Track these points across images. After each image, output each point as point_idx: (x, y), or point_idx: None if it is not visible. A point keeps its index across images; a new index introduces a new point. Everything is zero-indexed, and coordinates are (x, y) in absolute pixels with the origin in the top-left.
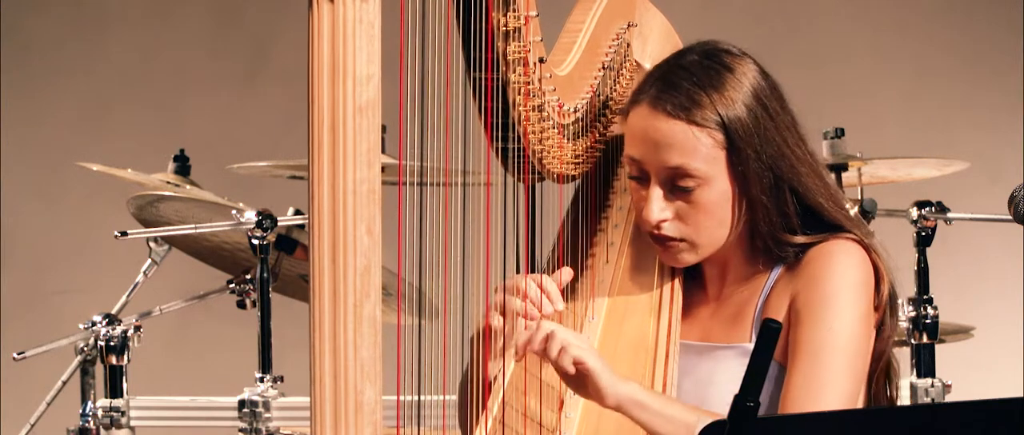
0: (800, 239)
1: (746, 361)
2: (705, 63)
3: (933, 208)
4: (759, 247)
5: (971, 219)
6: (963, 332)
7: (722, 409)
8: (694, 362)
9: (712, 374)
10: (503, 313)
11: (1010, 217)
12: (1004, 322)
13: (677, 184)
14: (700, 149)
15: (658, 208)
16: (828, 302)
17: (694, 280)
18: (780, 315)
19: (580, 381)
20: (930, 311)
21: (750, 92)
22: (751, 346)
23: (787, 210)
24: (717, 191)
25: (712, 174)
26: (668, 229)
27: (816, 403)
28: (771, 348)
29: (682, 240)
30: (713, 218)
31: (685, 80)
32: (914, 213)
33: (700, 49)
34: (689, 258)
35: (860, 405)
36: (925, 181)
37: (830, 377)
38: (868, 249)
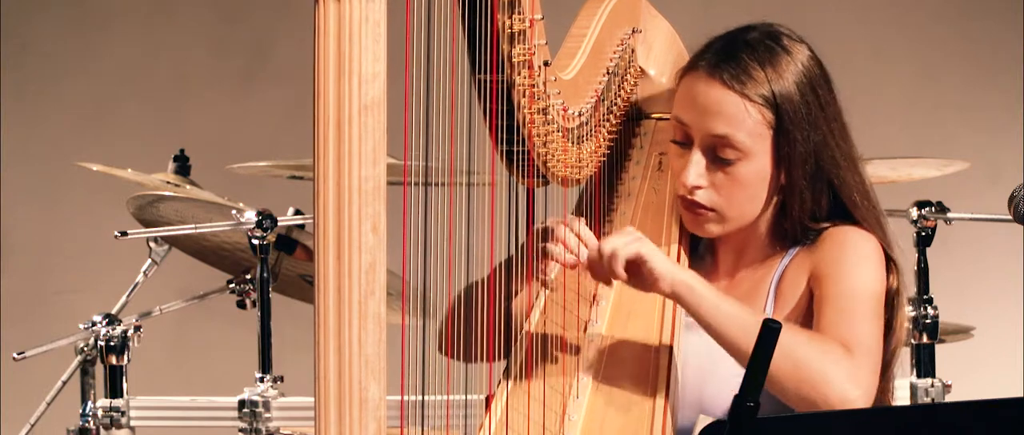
0: (824, 225)
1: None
2: (766, 42)
3: (933, 208)
4: (784, 231)
5: (971, 219)
6: (963, 332)
7: (734, 377)
8: (706, 337)
9: None
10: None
11: (1010, 217)
12: (1004, 322)
13: (718, 154)
14: (747, 122)
15: (696, 173)
16: (849, 262)
17: (704, 263)
18: (798, 287)
19: (635, 272)
20: (930, 311)
21: (804, 76)
22: (766, 315)
23: (821, 200)
24: (756, 167)
25: (754, 150)
26: (701, 196)
27: (849, 332)
28: (771, 348)
29: (712, 210)
30: (747, 193)
31: (745, 53)
32: (914, 213)
33: (762, 29)
34: (714, 229)
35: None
36: (925, 181)
37: (859, 315)
38: (883, 247)
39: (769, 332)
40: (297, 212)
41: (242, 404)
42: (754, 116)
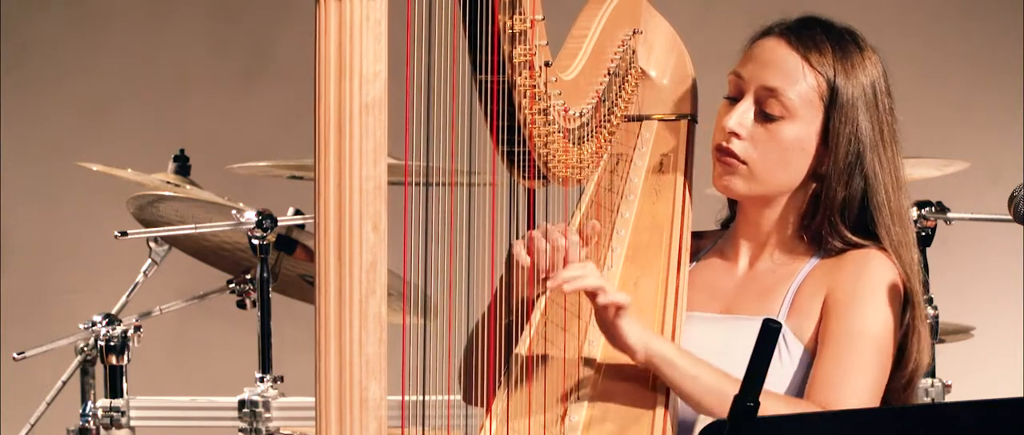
0: (851, 236)
1: None
2: (845, 35)
3: (933, 208)
4: (810, 230)
5: (971, 219)
6: (963, 332)
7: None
8: (714, 332)
9: (730, 341)
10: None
11: (1010, 217)
12: (1004, 322)
13: (765, 109)
14: (801, 84)
15: (738, 119)
16: (864, 299)
17: (724, 256)
18: (814, 304)
19: (611, 332)
20: (930, 311)
21: (869, 79)
22: (780, 320)
23: (853, 205)
24: (798, 133)
25: (801, 113)
26: (737, 145)
27: (841, 388)
28: (771, 348)
29: (744, 163)
30: (782, 155)
31: (821, 30)
32: (914, 213)
33: (844, 26)
34: (740, 186)
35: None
36: (925, 181)
37: (858, 365)
38: (903, 278)
39: (769, 332)
40: (297, 212)
41: (242, 404)
42: (810, 81)
